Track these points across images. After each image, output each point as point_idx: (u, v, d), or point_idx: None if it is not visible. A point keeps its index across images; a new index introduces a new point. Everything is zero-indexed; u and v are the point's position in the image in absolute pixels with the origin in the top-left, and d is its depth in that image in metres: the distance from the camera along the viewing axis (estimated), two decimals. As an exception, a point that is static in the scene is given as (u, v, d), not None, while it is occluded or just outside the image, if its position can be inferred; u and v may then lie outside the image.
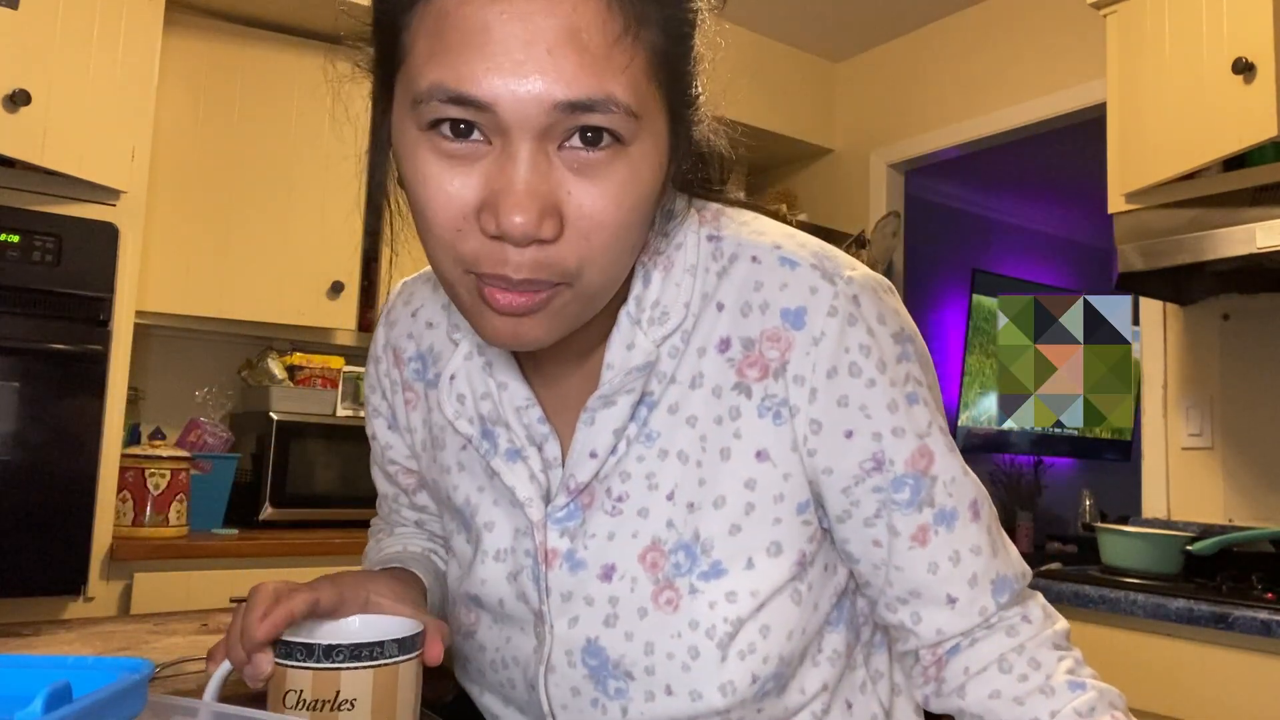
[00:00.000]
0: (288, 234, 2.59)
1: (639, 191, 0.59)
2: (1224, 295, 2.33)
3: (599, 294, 0.62)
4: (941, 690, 0.72)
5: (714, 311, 0.69)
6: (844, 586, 0.74)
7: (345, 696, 0.60)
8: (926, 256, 4.33)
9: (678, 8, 0.61)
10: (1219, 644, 1.72)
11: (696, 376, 0.69)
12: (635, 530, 0.69)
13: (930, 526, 0.69)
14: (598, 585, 0.70)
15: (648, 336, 0.68)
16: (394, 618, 0.69)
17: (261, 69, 2.58)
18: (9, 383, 1.97)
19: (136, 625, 1.15)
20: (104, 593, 2.09)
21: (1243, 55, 1.78)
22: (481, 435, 0.73)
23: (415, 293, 0.85)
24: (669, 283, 0.69)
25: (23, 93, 1.93)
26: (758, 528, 0.68)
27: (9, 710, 0.43)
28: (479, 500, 0.76)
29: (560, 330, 0.62)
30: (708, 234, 0.71)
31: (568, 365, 0.73)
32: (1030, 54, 2.90)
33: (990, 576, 0.70)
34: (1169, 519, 2.40)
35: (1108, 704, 0.68)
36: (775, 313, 0.67)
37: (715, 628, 0.67)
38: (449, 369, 0.75)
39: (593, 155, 0.57)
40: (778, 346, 0.67)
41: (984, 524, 0.71)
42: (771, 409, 0.68)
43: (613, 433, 0.69)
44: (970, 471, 0.72)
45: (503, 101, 0.54)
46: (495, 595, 0.74)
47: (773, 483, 0.68)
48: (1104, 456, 5.07)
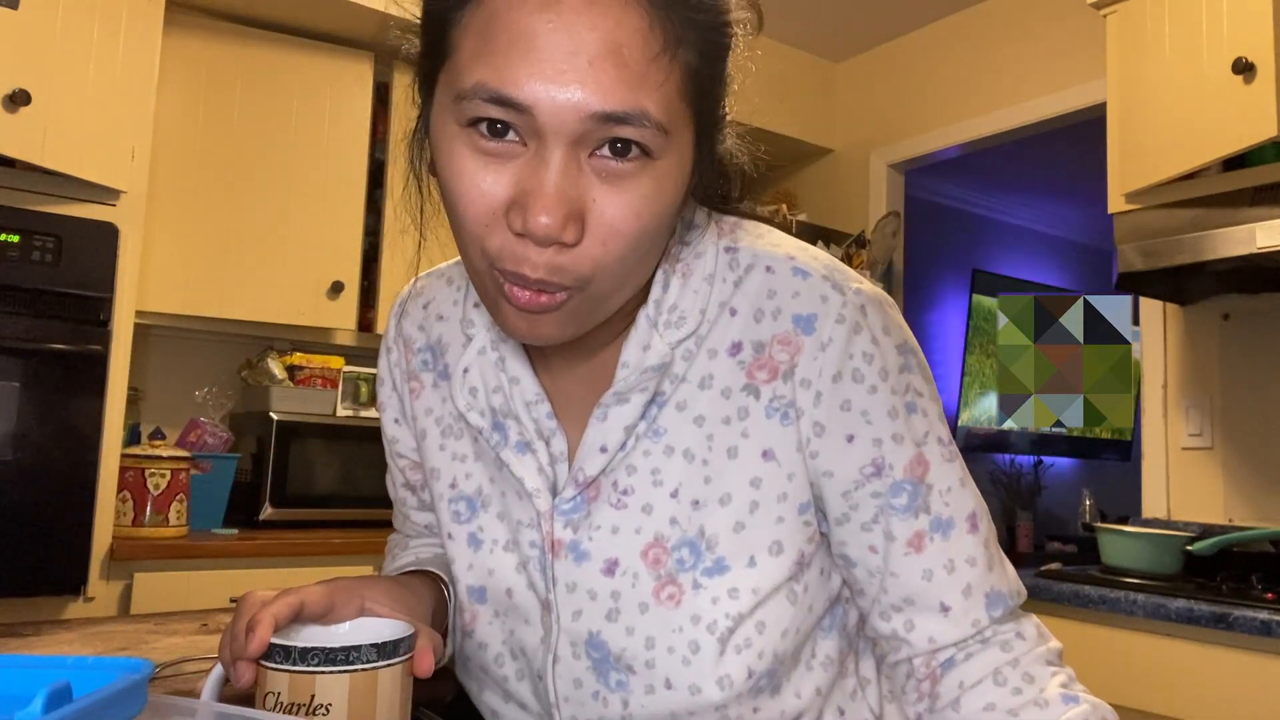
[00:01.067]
0: (288, 234, 2.59)
1: (661, 204, 0.62)
2: (1224, 295, 2.33)
3: (610, 299, 0.64)
4: (935, 706, 0.72)
5: (728, 317, 0.72)
6: (838, 593, 0.76)
7: (320, 701, 0.59)
8: (926, 256, 4.34)
9: (715, 31, 0.64)
10: (1219, 644, 1.72)
11: (706, 378, 0.71)
12: (639, 526, 0.71)
13: (926, 533, 0.70)
14: (600, 580, 0.71)
15: (663, 339, 0.71)
16: (387, 622, 0.69)
17: (261, 69, 2.58)
18: (9, 383, 1.97)
19: (136, 625, 1.15)
20: (104, 593, 2.09)
21: (1243, 55, 1.78)
22: (492, 427, 0.75)
23: (428, 287, 0.87)
24: (687, 289, 0.72)
25: (23, 93, 1.93)
26: (761, 526, 0.70)
27: (9, 710, 0.43)
28: (490, 491, 0.77)
29: (573, 329, 0.65)
30: (725, 245, 0.74)
31: (577, 363, 0.75)
32: (1030, 54, 2.90)
33: (985, 589, 0.71)
34: (1169, 519, 2.40)
35: (1100, 717, 0.68)
36: (787, 318, 0.70)
37: (716, 623, 0.68)
38: (463, 362, 0.77)
39: (621, 165, 0.59)
40: (788, 350, 0.69)
41: (981, 537, 0.72)
42: (779, 410, 0.70)
43: (624, 429, 0.71)
44: (970, 484, 0.73)
45: (541, 106, 0.57)
46: (503, 584, 0.75)
47: (777, 482, 0.70)
48: (1104, 456, 5.07)
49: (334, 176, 2.66)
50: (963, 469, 0.73)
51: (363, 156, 2.71)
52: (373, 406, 2.67)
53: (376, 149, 2.76)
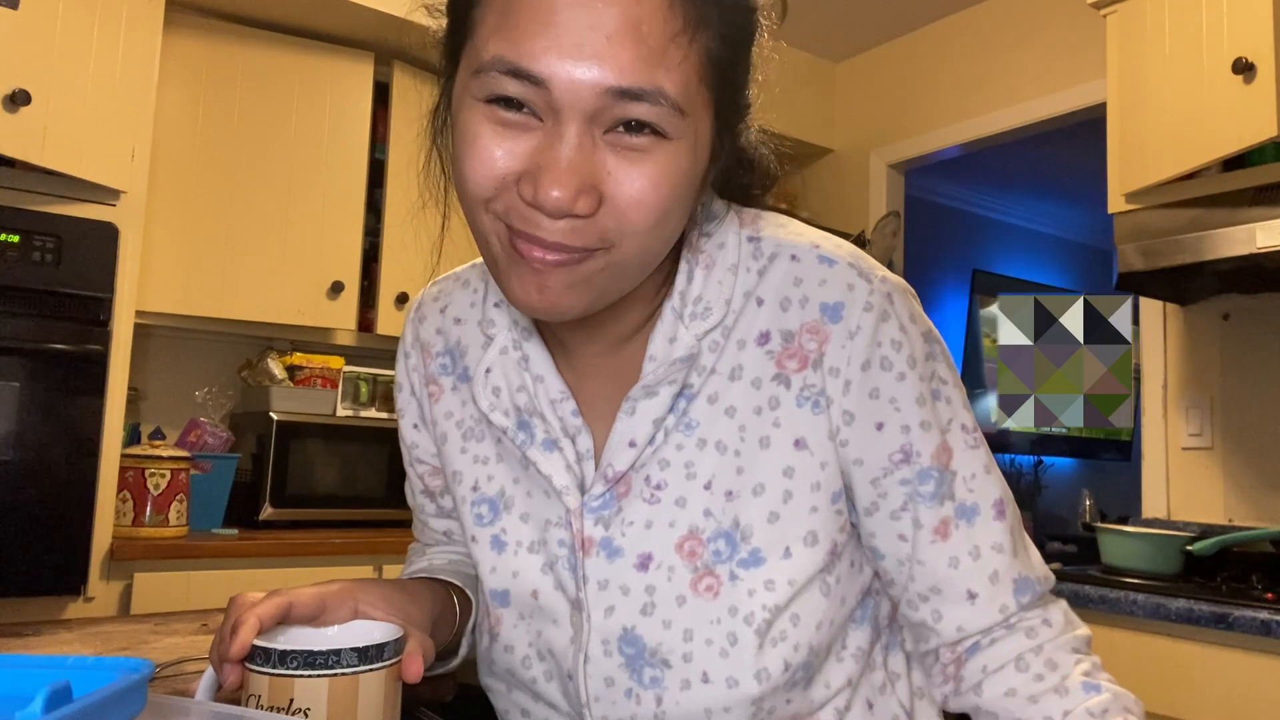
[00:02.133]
0: (288, 234, 2.59)
1: (677, 179, 0.61)
2: (1224, 295, 2.33)
3: (631, 269, 0.63)
4: (959, 688, 0.72)
5: (754, 307, 0.71)
6: (869, 585, 0.76)
7: (299, 704, 0.58)
8: (926, 256, 4.33)
9: (738, 15, 0.64)
10: (1219, 644, 1.72)
11: (736, 369, 0.71)
12: (673, 519, 0.71)
13: (951, 520, 0.70)
14: (634, 575, 0.71)
15: (689, 330, 0.70)
16: (379, 625, 0.67)
17: (261, 69, 2.58)
18: (9, 383, 1.96)
19: (136, 625, 1.15)
20: (104, 593, 2.09)
21: (1243, 55, 1.78)
22: (518, 427, 0.75)
23: (444, 290, 0.86)
24: (711, 280, 0.72)
25: (23, 93, 1.93)
26: (796, 516, 0.70)
27: (9, 710, 0.43)
28: (514, 492, 0.77)
29: (587, 300, 0.63)
30: (748, 235, 0.74)
31: (600, 360, 0.75)
32: (1030, 54, 2.90)
33: (1012, 575, 0.71)
34: (1169, 519, 2.40)
35: (1121, 707, 0.68)
36: (815, 306, 0.70)
37: (754, 614, 0.68)
38: (484, 362, 0.77)
39: (635, 140, 0.59)
40: (816, 338, 0.69)
41: (1007, 524, 0.72)
42: (810, 398, 0.70)
43: (652, 422, 0.71)
44: (995, 472, 0.73)
45: (558, 80, 0.57)
46: (528, 587, 0.75)
47: (810, 471, 0.70)
48: (1104, 456, 5.07)
49: (334, 176, 2.66)
50: (987, 456, 0.73)
51: (363, 156, 2.71)
52: (372, 407, 2.67)
53: (376, 149, 2.76)
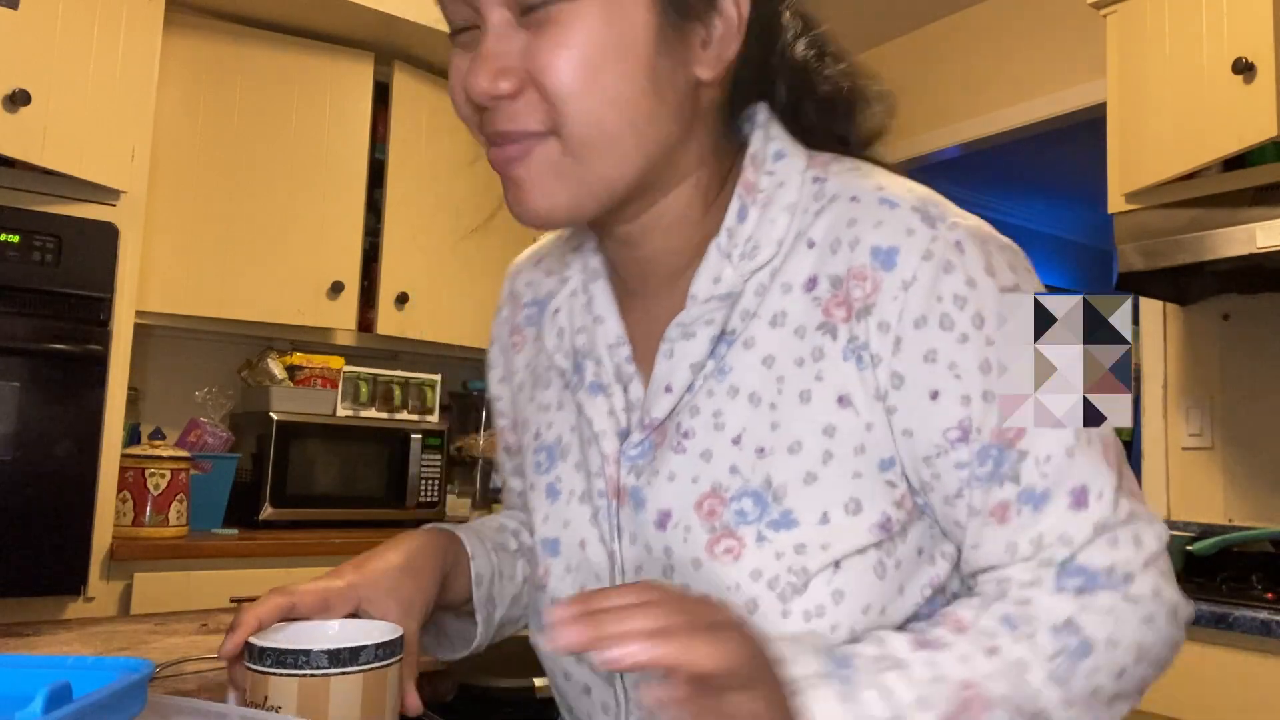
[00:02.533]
0: (288, 234, 2.59)
1: (590, 37, 0.60)
2: (1224, 295, 2.33)
3: (594, 148, 0.61)
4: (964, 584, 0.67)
5: (804, 249, 0.66)
6: (943, 583, 0.66)
7: (272, 702, 0.58)
8: (926, 256, 4.32)
9: None
10: (1219, 644, 1.72)
11: (779, 315, 0.66)
12: (696, 474, 0.66)
13: (1012, 504, 0.61)
14: (654, 533, 0.67)
15: (736, 270, 0.66)
16: (376, 625, 0.66)
17: (261, 69, 2.58)
18: (9, 383, 1.96)
19: (136, 625, 1.15)
20: (104, 593, 2.09)
21: (1243, 55, 1.78)
22: (573, 369, 0.74)
23: (542, 244, 0.87)
24: (765, 219, 0.67)
25: (23, 93, 1.93)
26: (836, 480, 0.62)
27: (9, 710, 0.43)
28: (570, 440, 0.75)
29: (566, 195, 0.63)
30: (814, 175, 0.69)
31: (653, 300, 0.72)
32: (1030, 54, 2.89)
33: None
34: (1169, 519, 2.40)
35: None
36: (865, 250, 0.63)
37: (779, 578, 0.61)
38: (555, 303, 0.78)
39: (542, 13, 0.60)
40: (863, 286, 0.62)
41: (1092, 517, 0.61)
42: (855, 352, 0.63)
43: (690, 367, 0.67)
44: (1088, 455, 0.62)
45: None
46: (577, 536, 0.72)
47: (854, 431, 0.63)
48: (1104, 456, 5.06)
49: (334, 176, 2.66)
50: (1076, 436, 0.62)
51: (363, 156, 2.71)
52: (372, 407, 2.67)
53: (376, 149, 2.76)
